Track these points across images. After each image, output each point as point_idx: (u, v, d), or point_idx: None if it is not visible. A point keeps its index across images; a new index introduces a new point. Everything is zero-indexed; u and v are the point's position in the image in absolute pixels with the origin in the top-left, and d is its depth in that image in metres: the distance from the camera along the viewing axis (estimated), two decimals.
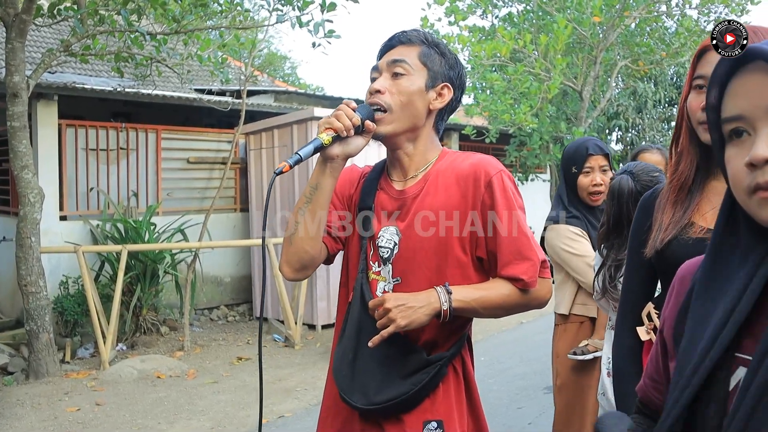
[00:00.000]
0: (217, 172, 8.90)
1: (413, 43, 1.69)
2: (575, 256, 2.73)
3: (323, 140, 1.57)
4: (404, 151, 1.71)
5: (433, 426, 1.59)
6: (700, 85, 1.45)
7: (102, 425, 4.77)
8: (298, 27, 6.47)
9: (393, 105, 1.64)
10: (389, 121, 1.65)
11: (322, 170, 1.63)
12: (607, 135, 15.28)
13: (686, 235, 1.48)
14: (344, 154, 1.62)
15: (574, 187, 2.82)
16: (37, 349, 5.76)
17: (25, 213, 5.69)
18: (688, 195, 1.52)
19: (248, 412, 5.04)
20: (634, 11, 10.87)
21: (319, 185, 1.63)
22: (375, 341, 1.53)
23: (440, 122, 1.75)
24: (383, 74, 1.68)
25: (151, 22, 7.04)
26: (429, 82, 1.67)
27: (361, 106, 1.63)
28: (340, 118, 1.58)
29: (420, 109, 1.67)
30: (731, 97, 0.83)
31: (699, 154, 1.51)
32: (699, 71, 1.45)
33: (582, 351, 2.73)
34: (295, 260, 1.69)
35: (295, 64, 31.06)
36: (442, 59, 1.70)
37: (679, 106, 1.54)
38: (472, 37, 10.84)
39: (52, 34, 10.63)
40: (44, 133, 7.34)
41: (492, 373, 5.85)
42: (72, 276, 7.13)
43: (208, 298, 8.61)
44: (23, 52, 5.67)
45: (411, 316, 1.51)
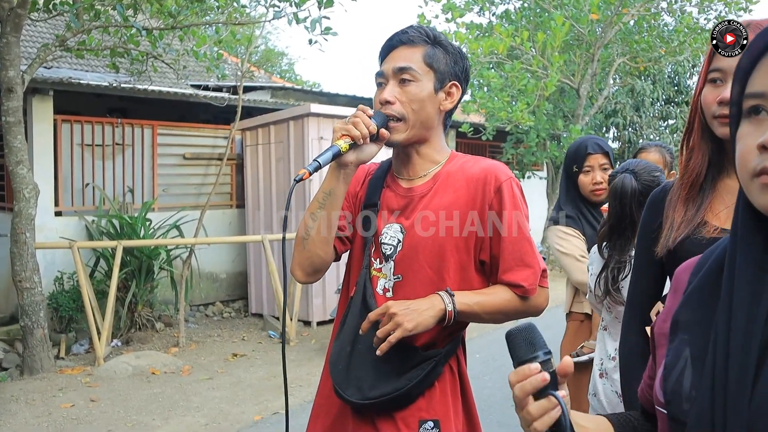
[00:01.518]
0: (213, 168, 8.89)
1: (416, 44, 1.66)
2: (564, 254, 2.78)
3: (341, 147, 1.57)
4: (415, 150, 1.71)
5: (429, 425, 1.58)
6: (714, 79, 1.42)
7: (96, 421, 4.76)
8: (295, 23, 6.45)
9: (406, 114, 1.64)
10: (403, 129, 1.64)
11: (336, 176, 1.64)
12: (604, 133, 15.29)
13: (699, 234, 1.45)
14: (358, 161, 1.64)
15: (576, 186, 2.85)
16: (31, 345, 5.74)
17: (19, 208, 5.67)
18: (700, 192, 1.49)
19: (243, 408, 5.03)
20: (633, 8, 10.85)
21: (332, 191, 1.64)
22: (383, 348, 1.51)
23: (448, 119, 1.75)
24: (390, 81, 1.66)
25: (147, 17, 7.02)
26: (437, 84, 1.66)
27: (376, 113, 1.63)
28: (357, 126, 1.58)
29: (432, 114, 1.67)
30: (758, 75, 0.81)
31: (711, 149, 1.49)
32: (715, 64, 1.42)
33: (577, 353, 2.76)
34: (308, 264, 1.70)
35: (292, 60, 31.01)
36: (447, 56, 1.69)
37: (692, 100, 1.51)
38: (469, 34, 10.84)
39: (48, 29, 10.57)
40: (39, 128, 7.31)
41: (487, 371, 5.85)
42: (67, 272, 7.11)
43: (203, 295, 8.60)
44: (18, 47, 5.64)
45: (417, 319, 1.51)
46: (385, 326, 1.51)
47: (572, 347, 2.84)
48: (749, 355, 0.76)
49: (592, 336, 2.77)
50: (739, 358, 0.76)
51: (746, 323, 0.77)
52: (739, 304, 0.78)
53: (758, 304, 0.77)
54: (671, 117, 15.46)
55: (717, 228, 1.45)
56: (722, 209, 1.47)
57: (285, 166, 7.86)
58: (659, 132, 15.44)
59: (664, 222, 1.53)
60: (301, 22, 6.42)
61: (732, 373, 0.77)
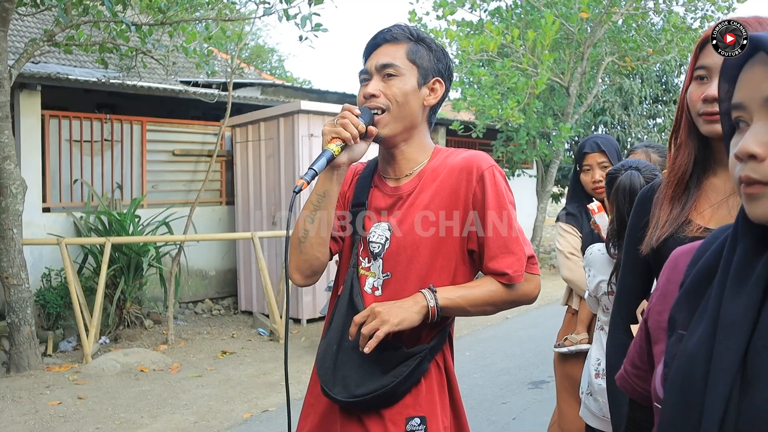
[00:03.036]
0: (203, 165, 8.85)
1: (399, 41, 1.68)
2: (558, 250, 2.93)
3: (333, 151, 1.58)
4: (399, 150, 1.71)
5: (416, 422, 1.58)
6: (701, 76, 1.42)
7: (84, 419, 4.73)
8: (285, 20, 6.43)
9: (390, 105, 1.65)
10: (387, 122, 1.65)
11: (329, 177, 1.64)
12: (593, 131, 15.32)
13: (683, 233, 1.45)
14: (350, 161, 1.65)
15: (580, 183, 2.96)
16: (18, 342, 5.70)
17: (6, 204, 5.63)
18: (686, 191, 1.50)
19: (232, 406, 5.02)
20: (621, 8, 10.90)
21: (327, 192, 1.65)
22: (371, 345, 1.51)
23: (432, 116, 1.76)
24: (374, 77, 1.67)
25: (136, 12, 6.97)
26: (421, 79, 1.67)
27: (363, 111, 1.64)
28: (347, 128, 1.58)
29: (415, 108, 1.67)
30: (738, 86, 0.82)
31: (697, 147, 1.49)
32: (701, 62, 1.42)
33: (559, 344, 2.89)
34: (306, 267, 1.71)
35: (282, 57, 30.92)
36: (430, 54, 1.70)
37: (680, 98, 1.51)
38: (459, 31, 10.84)
39: (36, 24, 10.49)
40: (27, 123, 7.25)
41: (477, 368, 5.87)
42: (55, 268, 7.06)
43: (192, 292, 8.57)
44: (5, 41, 5.59)
45: (402, 315, 1.52)
46: (370, 323, 1.52)
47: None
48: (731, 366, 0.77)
49: (576, 330, 2.88)
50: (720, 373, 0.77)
51: (730, 330, 0.78)
52: (726, 313, 0.79)
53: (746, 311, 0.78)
54: (659, 116, 15.52)
55: (701, 227, 1.45)
56: (707, 208, 1.47)
57: (275, 162, 7.84)
58: (648, 130, 15.49)
59: (651, 220, 1.53)
60: (292, 19, 6.40)
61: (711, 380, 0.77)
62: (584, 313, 2.85)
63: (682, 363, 0.82)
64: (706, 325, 0.80)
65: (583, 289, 2.77)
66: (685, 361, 0.81)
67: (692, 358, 0.80)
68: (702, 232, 1.43)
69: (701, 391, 0.77)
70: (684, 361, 0.81)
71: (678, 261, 0.99)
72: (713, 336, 0.79)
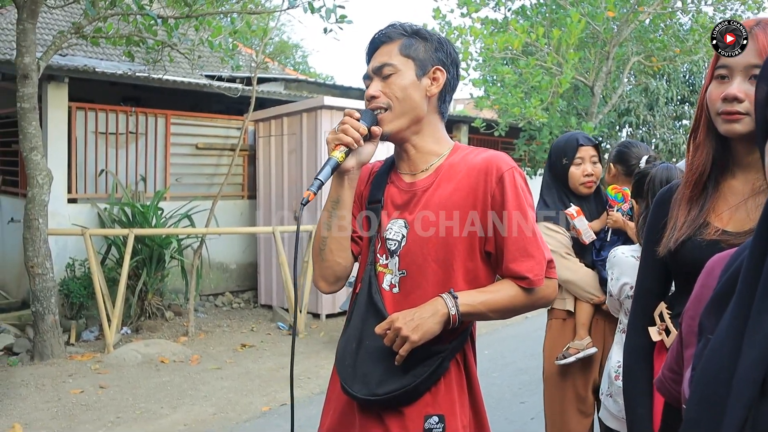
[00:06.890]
0: (226, 159, 8.91)
1: (393, 40, 1.69)
2: (551, 252, 2.77)
3: (337, 158, 1.60)
4: (411, 143, 1.71)
5: (434, 420, 1.58)
6: (722, 75, 1.40)
7: (105, 408, 4.79)
8: (310, 13, 6.45)
9: (391, 103, 1.65)
10: (390, 119, 1.66)
11: (340, 183, 1.66)
12: (617, 131, 15.17)
13: (700, 236, 1.44)
14: (359, 164, 1.66)
15: (565, 179, 2.82)
16: (42, 331, 5.78)
17: (33, 194, 5.70)
18: (704, 192, 1.48)
19: (251, 398, 5.05)
20: (649, 7, 10.77)
21: (340, 198, 1.67)
22: (398, 361, 1.54)
23: (443, 105, 1.74)
24: (374, 80, 1.69)
25: (162, 6, 7.02)
26: (418, 71, 1.67)
27: (364, 113, 1.65)
28: (348, 132, 1.60)
29: (418, 100, 1.66)
30: None
31: (716, 147, 1.47)
32: (721, 61, 1.40)
33: (564, 355, 2.71)
34: (330, 274, 1.73)
35: (306, 53, 31.01)
36: (426, 44, 1.69)
37: (699, 97, 1.49)
38: (484, 29, 10.78)
39: (64, 17, 10.62)
40: (54, 115, 7.35)
41: (496, 368, 5.84)
42: (78, 259, 7.15)
43: (213, 285, 8.63)
44: (34, 34, 5.66)
45: (422, 329, 1.51)
46: (390, 338, 1.53)
47: (557, 348, 2.78)
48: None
49: (578, 335, 2.72)
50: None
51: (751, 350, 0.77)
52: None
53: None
54: (685, 117, 15.31)
55: (719, 229, 1.43)
56: (725, 210, 1.45)
57: (297, 157, 7.86)
58: (673, 131, 15.29)
59: (669, 221, 1.52)
60: (316, 11, 6.42)
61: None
62: (584, 316, 2.72)
63: (706, 366, 0.81)
64: (730, 331, 0.80)
65: (586, 290, 2.69)
66: (709, 366, 0.81)
67: (716, 363, 0.80)
68: (720, 234, 1.42)
69: (724, 395, 0.77)
70: (707, 365, 0.81)
71: (714, 267, 0.98)
72: (738, 341, 0.78)
